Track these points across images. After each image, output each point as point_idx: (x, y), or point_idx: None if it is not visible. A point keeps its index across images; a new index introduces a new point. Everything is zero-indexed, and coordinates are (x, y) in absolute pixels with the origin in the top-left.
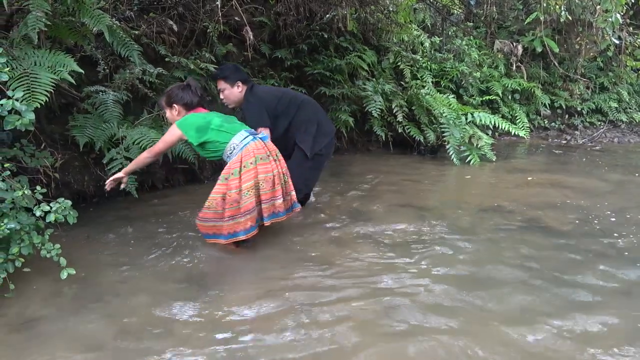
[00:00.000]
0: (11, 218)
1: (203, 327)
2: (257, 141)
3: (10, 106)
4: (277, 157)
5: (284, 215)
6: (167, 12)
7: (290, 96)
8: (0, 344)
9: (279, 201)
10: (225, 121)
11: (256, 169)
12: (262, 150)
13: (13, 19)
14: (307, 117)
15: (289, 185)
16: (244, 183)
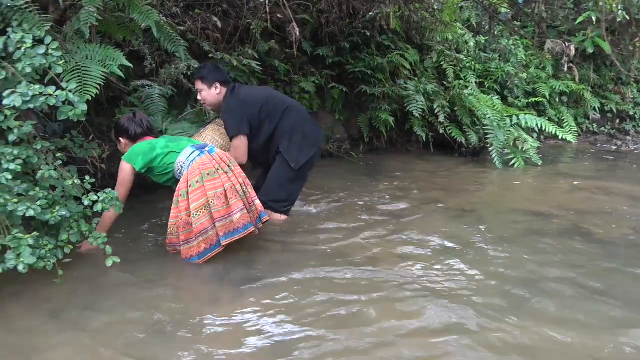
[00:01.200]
0: (62, 206)
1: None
2: (205, 155)
3: (64, 97)
4: (230, 168)
5: (243, 232)
6: (212, 9)
7: (277, 100)
8: (41, 328)
9: (237, 216)
10: (170, 141)
11: (203, 187)
12: (210, 165)
13: (67, 14)
14: (293, 125)
15: (251, 195)
16: (192, 203)
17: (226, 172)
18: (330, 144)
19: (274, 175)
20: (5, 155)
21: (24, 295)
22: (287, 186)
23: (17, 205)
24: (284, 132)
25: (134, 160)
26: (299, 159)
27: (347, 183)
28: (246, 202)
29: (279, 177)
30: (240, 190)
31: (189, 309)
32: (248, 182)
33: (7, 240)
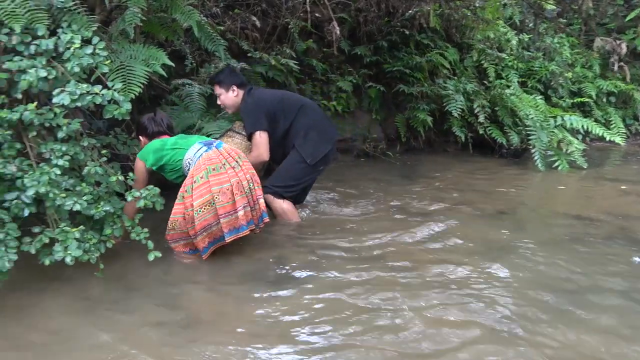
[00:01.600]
0: (106, 201)
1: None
2: (212, 151)
3: (109, 96)
4: (238, 163)
5: (246, 229)
6: (251, 9)
7: (292, 99)
8: (78, 318)
9: (241, 213)
10: (180, 138)
11: (208, 183)
12: (216, 160)
13: (112, 14)
14: (308, 122)
15: (256, 193)
16: (196, 200)
17: (233, 167)
18: (367, 143)
19: (286, 164)
20: (55, 152)
21: (63, 289)
22: (297, 176)
23: (64, 200)
24: (299, 130)
25: (145, 157)
26: (315, 154)
27: (383, 183)
28: (251, 199)
29: (291, 167)
30: (247, 187)
31: (219, 308)
32: (257, 179)
33: (55, 233)
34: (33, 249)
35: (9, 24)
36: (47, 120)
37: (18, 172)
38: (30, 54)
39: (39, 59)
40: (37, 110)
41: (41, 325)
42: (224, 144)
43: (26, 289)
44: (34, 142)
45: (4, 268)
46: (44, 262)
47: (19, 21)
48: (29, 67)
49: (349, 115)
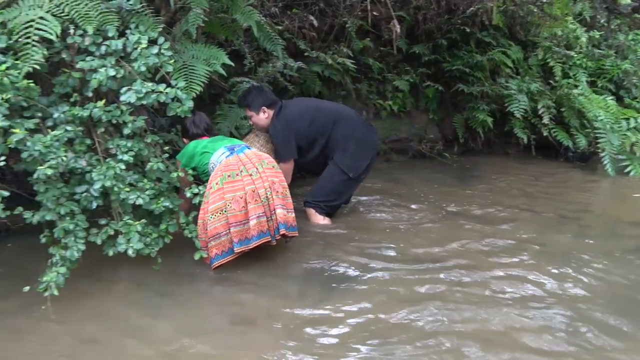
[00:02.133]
0: (166, 197)
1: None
2: (233, 156)
3: (173, 94)
4: (257, 170)
5: (257, 241)
6: (308, 8)
7: (326, 111)
8: (135, 309)
9: (253, 222)
10: (211, 141)
11: (222, 190)
12: (235, 167)
13: (176, 16)
14: (345, 133)
15: (274, 202)
16: (210, 205)
17: (251, 174)
18: (423, 144)
19: (327, 177)
20: (121, 147)
21: (122, 279)
22: (338, 189)
23: (128, 194)
24: (337, 142)
25: (180, 158)
26: (356, 167)
27: (438, 185)
28: (267, 209)
29: (332, 180)
30: (264, 196)
31: (266, 307)
32: (276, 188)
33: (119, 226)
34: (99, 240)
35: (83, 25)
36: (115, 117)
37: (87, 166)
38: (101, 54)
39: (109, 59)
40: (106, 107)
41: (103, 312)
42: (248, 149)
43: (89, 278)
44: (102, 138)
45: (73, 257)
46: (108, 253)
47: (91, 23)
48: (99, 67)
49: (405, 115)
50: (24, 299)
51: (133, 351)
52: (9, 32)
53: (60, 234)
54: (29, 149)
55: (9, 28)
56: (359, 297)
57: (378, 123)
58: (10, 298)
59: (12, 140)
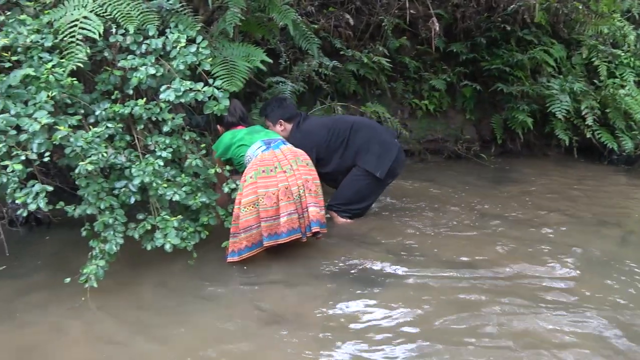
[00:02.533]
0: (203, 192)
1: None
2: (269, 151)
3: (210, 93)
4: (291, 167)
5: (287, 237)
6: (345, 6)
7: (342, 121)
8: (168, 300)
9: (283, 219)
10: (248, 133)
11: (256, 184)
12: (270, 162)
13: (214, 15)
14: (365, 138)
15: (307, 201)
16: (244, 198)
17: (285, 171)
18: (459, 144)
19: (350, 180)
20: (159, 144)
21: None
22: (363, 192)
23: (166, 190)
24: (359, 148)
25: (216, 147)
26: (383, 167)
27: (474, 187)
28: (299, 207)
29: (355, 183)
30: (296, 193)
31: (297, 306)
32: (309, 186)
33: (156, 221)
34: (137, 234)
35: (124, 25)
36: (154, 115)
37: (127, 162)
38: (141, 52)
39: (149, 57)
40: (145, 105)
41: (139, 305)
42: (284, 144)
43: (127, 270)
44: (141, 135)
45: (112, 251)
46: (146, 247)
47: (133, 22)
48: (139, 65)
49: (441, 115)
50: (65, 289)
51: (163, 345)
52: (55, 31)
53: (100, 228)
54: (71, 144)
55: (55, 27)
56: (388, 299)
57: (413, 123)
58: (52, 288)
59: (57, 137)
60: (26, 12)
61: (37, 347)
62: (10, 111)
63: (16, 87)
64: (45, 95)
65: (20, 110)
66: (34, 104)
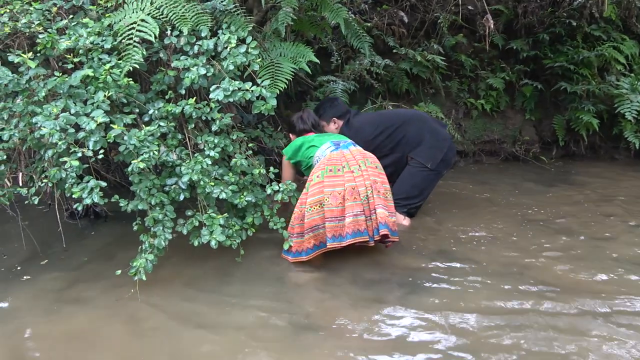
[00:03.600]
0: (249, 191)
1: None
2: (337, 151)
3: (258, 92)
4: (360, 167)
5: (352, 238)
6: (399, 4)
7: (392, 116)
8: (210, 295)
9: (348, 220)
10: (318, 136)
11: (322, 183)
12: (338, 162)
13: (267, 15)
14: (417, 130)
15: (374, 202)
16: (309, 197)
17: (353, 171)
18: (517, 146)
19: (407, 174)
20: (208, 143)
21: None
22: (419, 184)
23: (213, 188)
24: (410, 140)
25: (286, 151)
26: (435, 157)
27: (531, 190)
28: (367, 208)
29: (413, 176)
30: (364, 194)
31: (337, 312)
32: (378, 187)
33: (203, 218)
34: (185, 230)
35: (179, 26)
36: (204, 114)
37: (177, 160)
38: (194, 53)
39: (200, 58)
40: (196, 104)
41: (180, 296)
42: (354, 146)
43: (175, 265)
44: (192, 134)
45: (161, 245)
46: (193, 243)
47: (187, 24)
48: (191, 66)
49: (499, 115)
50: (115, 281)
51: (201, 340)
52: (114, 33)
53: (150, 223)
54: (125, 142)
55: (115, 30)
56: (431, 308)
57: (468, 123)
58: (102, 280)
59: (111, 135)
60: (89, 15)
61: (83, 336)
62: (71, 110)
63: (77, 87)
64: (102, 95)
65: (80, 109)
66: (92, 103)
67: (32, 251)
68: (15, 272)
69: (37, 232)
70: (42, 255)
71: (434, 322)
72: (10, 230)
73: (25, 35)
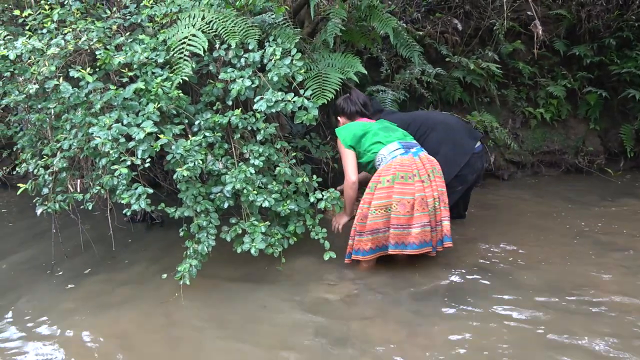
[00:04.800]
0: (292, 200)
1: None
2: (408, 156)
3: (300, 103)
4: (429, 177)
5: (418, 249)
6: (453, 11)
7: (422, 120)
8: (247, 307)
9: (416, 230)
10: (382, 130)
11: (392, 189)
12: (408, 168)
13: (318, 26)
14: (440, 139)
15: (441, 213)
16: (375, 200)
17: (423, 180)
18: (580, 157)
19: None
20: (253, 152)
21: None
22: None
23: (256, 196)
24: (430, 149)
25: (344, 136)
26: (448, 172)
27: (592, 204)
28: (433, 219)
29: None
30: (432, 205)
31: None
32: (445, 199)
33: (246, 225)
34: (228, 237)
35: (227, 40)
36: (250, 124)
37: (223, 169)
38: (241, 65)
39: (247, 70)
40: (242, 115)
41: (222, 302)
42: (422, 151)
43: (219, 269)
44: (238, 144)
45: (204, 251)
46: (236, 250)
47: (235, 38)
48: (238, 77)
49: (559, 125)
50: (160, 284)
51: (235, 345)
52: (167, 48)
53: (195, 229)
54: (173, 151)
55: (168, 45)
56: (466, 329)
57: (526, 133)
58: (148, 283)
59: (158, 144)
60: (146, 32)
61: (124, 337)
62: (123, 121)
63: (130, 99)
64: (153, 107)
65: (132, 120)
66: (144, 114)
67: (90, 253)
68: (73, 273)
69: (97, 235)
70: (97, 257)
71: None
72: (73, 234)
73: (86, 52)
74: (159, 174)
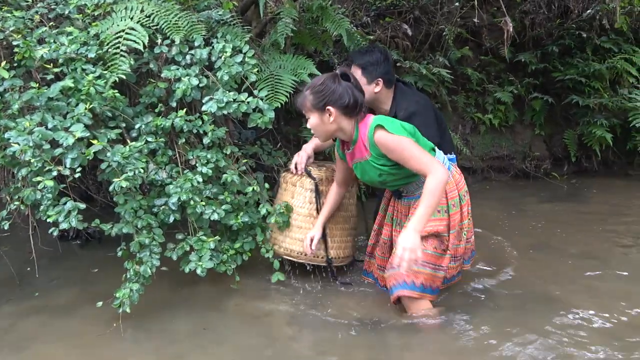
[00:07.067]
0: (244, 212)
1: None
2: (451, 170)
3: (254, 104)
4: (464, 197)
5: (456, 278)
6: (402, 16)
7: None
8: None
9: (455, 263)
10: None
11: (461, 212)
12: (463, 185)
13: (266, 27)
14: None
15: (471, 230)
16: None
17: (462, 204)
18: (527, 162)
19: None
20: (200, 159)
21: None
22: None
23: (204, 208)
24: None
25: (396, 126)
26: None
27: (542, 209)
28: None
29: None
30: (464, 230)
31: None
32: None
33: (192, 241)
34: (175, 256)
35: (171, 35)
36: (196, 127)
37: (167, 178)
38: (187, 63)
39: (193, 68)
40: (187, 117)
41: (168, 331)
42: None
43: (165, 294)
44: (183, 149)
45: (147, 273)
46: (184, 270)
47: (179, 33)
48: (183, 76)
49: (507, 130)
50: (97, 314)
51: None
52: (100, 43)
53: (136, 248)
54: (108, 159)
55: (101, 39)
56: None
57: (476, 138)
58: (82, 312)
59: (90, 151)
60: (75, 25)
61: None
62: (48, 124)
63: (56, 99)
64: (83, 107)
65: (58, 123)
66: (72, 116)
67: (9, 280)
68: None
69: (19, 259)
70: (18, 285)
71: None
72: None
73: (2, 44)
74: (91, 186)
